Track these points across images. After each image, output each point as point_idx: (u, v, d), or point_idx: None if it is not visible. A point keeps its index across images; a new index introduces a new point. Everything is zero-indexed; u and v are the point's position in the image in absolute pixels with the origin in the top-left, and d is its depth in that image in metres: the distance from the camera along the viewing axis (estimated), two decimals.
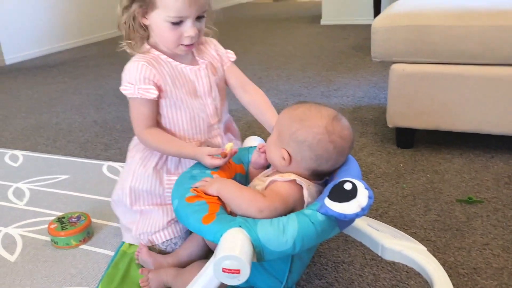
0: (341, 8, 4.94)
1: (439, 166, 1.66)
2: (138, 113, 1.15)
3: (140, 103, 1.14)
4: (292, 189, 0.96)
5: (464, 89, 1.62)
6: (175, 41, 1.11)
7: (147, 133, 1.15)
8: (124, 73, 1.15)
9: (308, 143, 0.96)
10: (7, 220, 1.46)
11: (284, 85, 2.79)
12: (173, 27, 1.08)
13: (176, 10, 1.05)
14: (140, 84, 1.12)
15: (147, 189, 1.19)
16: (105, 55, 4.09)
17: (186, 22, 1.08)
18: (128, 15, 1.11)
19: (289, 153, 0.98)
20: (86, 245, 1.30)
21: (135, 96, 1.13)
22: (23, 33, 4.08)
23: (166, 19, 1.07)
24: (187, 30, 1.09)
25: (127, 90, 1.14)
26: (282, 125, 1.01)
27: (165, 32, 1.10)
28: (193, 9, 1.06)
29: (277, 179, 0.97)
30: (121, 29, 1.15)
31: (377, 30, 1.68)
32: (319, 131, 0.96)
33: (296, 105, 1.02)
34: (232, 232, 0.83)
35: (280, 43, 4.16)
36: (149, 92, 1.12)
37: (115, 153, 1.94)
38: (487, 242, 1.23)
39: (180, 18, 1.07)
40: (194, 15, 1.08)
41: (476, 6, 1.63)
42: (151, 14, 1.09)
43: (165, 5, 1.05)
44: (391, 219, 1.35)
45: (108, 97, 2.77)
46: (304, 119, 0.97)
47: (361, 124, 2.09)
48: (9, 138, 2.19)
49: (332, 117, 0.97)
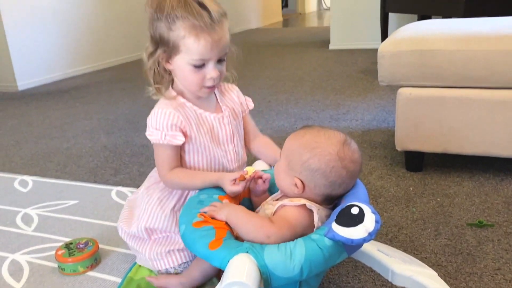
0: (349, 33, 4.98)
1: (449, 190, 1.64)
2: (163, 158, 1.17)
3: (166, 148, 1.16)
4: (301, 214, 0.95)
5: (471, 112, 1.61)
6: (198, 84, 1.13)
7: (171, 174, 1.17)
8: (150, 118, 1.17)
9: (322, 171, 0.96)
10: (15, 246, 1.46)
11: (293, 109, 2.80)
12: (195, 69, 1.11)
13: (199, 53, 1.08)
14: (168, 130, 1.14)
15: (163, 229, 1.20)
16: (117, 80, 4.14)
17: (208, 64, 1.11)
18: (153, 60, 1.15)
19: (302, 181, 0.98)
20: (93, 272, 1.29)
21: (162, 142, 1.14)
22: (36, 59, 4.15)
23: (189, 62, 1.10)
24: (209, 72, 1.12)
25: (153, 136, 1.16)
26: (291, 154, 1.00)
27: (188, 75, 1.13)
28: (214, 52, 1.09)
29: (287, 203, 0.97)
30: (148, 75, 1.18)
31: (383, 55, 1.69)
32: (332, 158, 0.96)
33: (303, 131, 1.03)
34: (239, 258, 0.83)
35: (289, 67, 4.19)
36: (176, 138, 1.14)
37: (124, 178, 1.94)
38: (499, 267, 1.21)
39: (203, 60, 1.10)
40: (216, 57, 1.11)
41: (480, 31, 1.64)
42: (175, 59, 1.12)
43: (188, 48, 1.08)
44: (401, 244, 1.34)
45: (119, 122, 2.79)
46: (315, 146, 0.97)
47: (370, 148, 2.08)
48: (20, 164, 2.21)
49: (342, 142, 0.98)
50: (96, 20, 4.78)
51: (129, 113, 2.97)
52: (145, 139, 2.40)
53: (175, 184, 1.19)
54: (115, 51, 5.03)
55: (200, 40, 1.07)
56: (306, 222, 0.95)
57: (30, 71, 4.10)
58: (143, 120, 2.77)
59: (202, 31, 1.06)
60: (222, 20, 1.10)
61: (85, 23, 4.65)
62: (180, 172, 1.17)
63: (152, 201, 1.22)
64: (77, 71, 4.58)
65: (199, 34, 1.07)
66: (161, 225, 1.19)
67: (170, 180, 1.18)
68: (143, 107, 3.08)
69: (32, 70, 4.12)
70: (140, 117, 2.85)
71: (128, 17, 5.13)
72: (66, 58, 4.47)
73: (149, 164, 2.06)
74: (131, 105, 3.19)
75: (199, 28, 1.06)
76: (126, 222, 1.27)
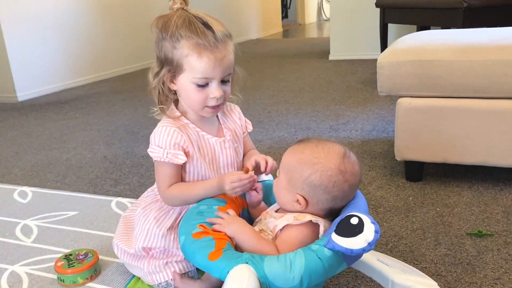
0: (349, 44, 5.00)
1: (448, 199, 1.64)
2: (164, 175, 1.17)
3: (167, 166, 1.16)
4: (307, 233, 0.95)
5: (470, 122, 1.62)
6: (201, 103, 1.13)
7: (170, 189, 1.17)
8: (153, 135, 1.17)
9: (324, 186, 0.96)
10: (14, 258, 1.46)
11: (293, 119, 2.80)
12: (199, 89, 1.11)
13: (201, 72, 1.09)
14: (170, 149, 1.14)
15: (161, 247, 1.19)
16: (117, 91, 4.15)
17: (211, 84, 1.12)
18: (158, 80, 1.16)
19: (304, 198, 0.98)
20: (93, 283, 1.29)
21: (163, 159, 1.15)
22: (35, 70, 4.16)
23: (192, 81, 1.11)
24: (212, 91, 1.12)
25: (155, 153, 1.15)
26: (291, 170, 1.00)
27: (191, 94, 1.13)
28: (217, 71, 1.10)
29: (292, 223, 0.96)
30: (152, 94, 1.19)
31: (382, 65, 1.69)
32: (333, 173, 0.96)
33: (301, 146, 1.02)
34: (239, 269, 0.83)
35: (289, 78, 4.20)
36: (178, 157, 1.14)
37: (124, 188, 1.94)
38: (498, 276, 1.21)
39: (206, 79, 1.10)
40: (219, 76, 1.11)
41: (479, 41, 1.65)
42: (179, 78, 1.13)
43: (191, 67, 1.09)
44: (401, 254, 1.34)
45: (119, 133, 2.79)
46: (316, 162, 0.97)
47: (370, 158, 2.09)
48: (19, 175, 2.21)
49: (342, 156, 0.98)
50: (96, 31, 4.80)
51: (129, 124, 2.98)
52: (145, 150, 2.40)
53: (175, 198, 1.17)
54: (115, 62, 5.05)
55: (202, 58, 1.08)
56: (311, 239, 0.95)
57: (30, 82, 4.11)
58: (143, 131, 2.78)
59: (205, 49, 1.07)
60: (226, 40, 1.11)
61: (85, 34, 4.67)
62: (179, 185, 1.17)
63: (148, 220, 1.21)
64: (77, 82, 4.59)
65: (202, 52, 1.07)
66: (158, 244, 1.18)
67: (170, 194, 1.17)
68: (143, 118, 3.09)
69: (32, 81, 4.13)
70: (140, 128, 2.85)
71: (128, 29, 5.16)
72: (66, 69, 4.49)
73: (149, 175, 2.06)
74: (131, 116, 3.20)
75: (202, 46, 1.07)
76: (124, 241, 1.26)
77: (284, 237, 0.96)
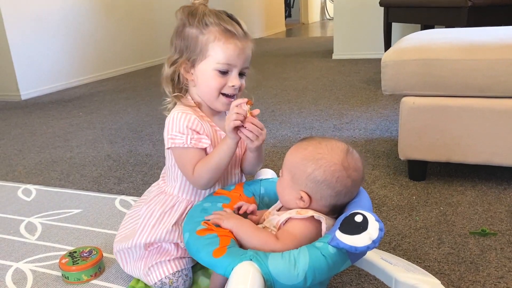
0: (353, 43, 5.00)
1: (452, 199, 1.64)
2: (187, 160, 1.15)
3: (191, 151, 1.14)
4: (309, 227, 0.95)
5: (474, 121, 1.61)
6: (218, 89, 1.14)
7: (196, 170, 1.14)
8: (171, 122, 1.16)
9: (328, 182, 0.96)
10: (18, 255, 1.46)
11: (296, 118, 2.80)
12: (219, 75, 1.13)
13: (226, 57, 1.11)
14: (192, 134, 1.14)
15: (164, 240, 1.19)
16: (120, 90, 4.16)
17: (232, 72, 1.13)
18: (174, 68, 1.17)
19: (308, 194, 0.98)
20: (97, 280, 1.30)
21: (187, 145, 1.13)
22: (39, 68, 4.17)
23: (214, 67, 1.12)
24: (231, 79, 1.13)
25: (177, 139, 1.13)
26: (295, 167, 1.00)
27: (211, 80, 1.13)
28: (240, 60, 1.12)
29: (294, 216, 0.97)
30: (166, 83, 1.20)
31: (386, 64, 1.69)
32: (337, 168, 0.96)
33: (304, 143, 1.02)
34: (243, 266, 0.83)
35: (292, 77, 4.20)
36: (202, 141, 1.14)
37: (128, 187, 1.95)
38: (502, 275, 1.21)
39: (229, 66, 1.12)
40: (240, 66, 1.13)
41: (483, 40, 1.65)
42: (199, 65, 1.14)
43: (216, 52, 1.11)
44: (404, 252, 1.34)
45: (122, 131, 2.80)
46: (319, 158, 0.97)
47: (373, 157, 2.09)
48: (23, 173, 2.21)
49: (345, 152, 0.98)
50: (99, 30, 4.81)
51: (133, 123, 2.98)
52: (149, 148, 2.41)
53: (203, 175, 1.13)
54: (119, 61, 5.05)
55: (230, 44, 1.11)
56: (313, 234, 0.95)
57: (33, 81, 4.12)
58: (146, 129, 2.78)
59: (233, 37, 1.11)
60: (249, 36, 1.15)
61: (89, 33, 4.68)
62: (200, 164, 1.13)
63: (154, 216, 1.20)
64: (80, 81, 4.60)
65: (229, 39, 1.11)
66: (162, 238, 1.18)
67: (197, 175, 1.13)
68: (146, 116, 3.10)
69: (35, 79, 4.14)
70: (144, 127, 2.86)
71: (131, 28, 5.16)
72: (69, 68, 4.50)
73: (152, 174, 2.07)
74: (135, 114, 3.20)
75: (229, 33, 1.11)
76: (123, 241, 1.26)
77: (285, 228, 0.96)
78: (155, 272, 1.19)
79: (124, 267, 1.27)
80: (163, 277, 1.18)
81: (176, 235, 1.19)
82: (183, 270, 1.19)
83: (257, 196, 1.20)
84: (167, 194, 1.24)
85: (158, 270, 1.19)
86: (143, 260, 1.21)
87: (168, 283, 1.18)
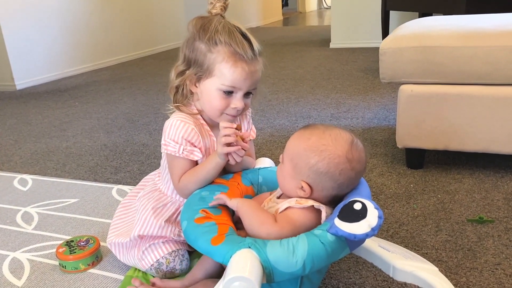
0: (350, 32, 4.98)
1: (449, 186, 1.64)
2: (177, 169, 1.17)
3: (182, 161, 1.16)
4: (308, 216, 0.95)
5: (472, 109, 1.61)
6: (220, 110, 1.13)
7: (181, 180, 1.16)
8: (169, 128, 1.16)
9: (331, 174, 0.95)
10: (15, 245, 1.46)
11: (293, 108, 2.79)
12: (223, 96, 1.11)
13: (232, 80, 1.09)
14: (186, 145, 1.14)
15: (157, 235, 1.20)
16: (116, 79, 4.13)
17: (236, 94, 1.11)
18: (181, 79, 1.15)
19: (309, 185, 0.97)
20: (94, 269, 1.29)
21: (178, 155, 1.14)
22: (34, 58, 4.14)
23: (219, 87, 1.10)
24: (235, 102, 1.12)
25: (170, 147, 1.15)
26: (297, 157, 0.98)
27: (214, 100, 1.12)
28: (246, 83, 1.10)
29: (294, 206, 0.96)
30: (171, 92, 1.19)
31: (385, 52, 1.68)
32: (341, 161, 0.95)
33: (307, 132, 1.00)
34: (241, 253, 0.83)
35: (289, 66, 4.19)
36: (194, 154, 1.15)
37: (125, 176, 1.94)
38: (499, 262, 1.21)
39: (233, 88, 1.10)
40: (246, 89, 1.11)
41: (482, 27, 1.63)
42: (204, 82, 1.12)
43: (222, 73, 1.09)
44: (402, 240, 1.34)
45: (119, 121, 2.79)
46: (323, 149, 0.95)
47: (371, 146, 2.08)
48: (19, 163, 2.20)
49: (349, 143, 0.97)
50: (95, 19, 4.78)
51: (129, 112, 2.97)
52: (145, 138, 2.40)
53: (188, 187, 1.15)
54: (114, 50, 5.03)
55: (237, 68, 1.08)
56: (312, 223, 0.94)
57: (28, 70, 4.09)
58: (142, 119, 2.77)
59: (241, 60, 1.08)
60: (260, 56, 1.12)
61: (84, 22, 4.65)
62: (187, 175, 1.15)
63: (146, 210, 1.21)
64: (76, 70, 4.58)
65: (237, 62, 1.08)
66: (155, 232, 1.18)
67: (182, 184, 1.16)
68: (142, 106, 3.08)
69: (30, 69, 4.11)
70: (140, 116, 2.84)
71: (127, 16, 5.13)
72: (64, 57, 4.47)
73: (149, 163, 2.06)
74: (131, 104, 3.19)
75: (238, 56, 1.08)
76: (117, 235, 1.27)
77: (285, 213, 0.96)
78: (150, 254, 1.19)
79: (119, 256, 1.27)
80: (160, 257, 1.18)
81: (169, 231, 1.19)
82: (179, 250, 1.19)
83: (255, 185, 1.19)
84: (161, 193, 1.25)
85: (153, 252, 1.19)
86: (136, 247, 1.22)
87: (165, 263, 1.18)
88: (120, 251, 1.26)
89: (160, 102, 3.10)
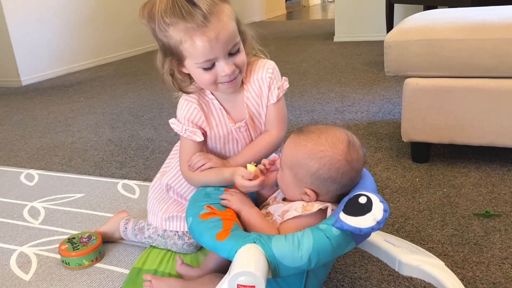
0: (354, 25, 4.96)
1: (455, 180, 1.64)
2: (185, 149, 1.18)
3: (187, 141, 1.17)
4: (315, 220, 0.94)
5: (478, 102, 1.60)
6: (212, 83, 1.08)
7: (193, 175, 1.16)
8: (178, 108, 1.18)
9: (333, 178, 0.95)
10: (22, 239, 1.46)
11: (298, 101, 2.79)
12: (206, 71, 1.06)
13: (201, 56, 1.02)
14: (188, 125, 1.15)
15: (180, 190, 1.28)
16: (121, 74, 4.14)
17: (218, 63, 1.05)
18: (166, 68, 1.12)
19: (313, 191, 0.97)
20: (100, 264, 1.30)
21: (182, 134, 1.16)
22: (39, 54, 4.15)
23: (197, 66, 1.05)
24: (221, 70, 1.05)
25: (175, 126, 1.17)
26: (296, 166, 0.97)
27: (201, 76, 1.08)
28: (218, 49, 1.01)
29: (302, 214, 0.96)
30: (166, 81, 1.15)
31: (390, 45, 1.67)
32: (341, 164, 0.94)
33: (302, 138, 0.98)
34: (246, 248, 0.83)
35: (293, 60, 4.18)
36: (196, 134, 1.15)
37: (130, 171, 1.94)
38: (506, 256, 1.21)
39: (209, 61, 1.04)
40: (223, 54, 1.03)
41: (488, 19, 1.62)
42: (185, 63, 1.08)
43: (190, 53, 1.03)
44: (407, 234, 1.33)
45: (124, 116, 2.79)
46: (322, 156, 0.94)
47: (376, 139, 2.08)
48: (25, 158, 2.21)
49: (346, 144, 0.95)
50: (99, 14, 4.78)
51: (134, 107, 2.97)
52: (150, 132, 2.41)
53: (193, 181, 1.17)
54: (119, 46, 5.03)
55: (196, 42, 0.99)
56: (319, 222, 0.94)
57: (34, 66, 4.10)
58: (147, 114, 2.77)
59: (196, 32, 0.99)
60: (217, 10, 1.00)
61: (88, 17, 4.65)
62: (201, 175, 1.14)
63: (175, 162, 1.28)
64: (80, 66, 4.58)
65: (193, 37, 0.99)
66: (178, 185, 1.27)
67: (188, 177, 1.18)
68: (147, 101, 3.08)
69: (36, 65, 4.12)
70: (145, 111, 2.84)
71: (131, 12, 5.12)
72: (69, 53, 4.47)
73: (154, 158, 2.06)
74: (136, 99, 3.19)
75: (191, 30, 0.99)
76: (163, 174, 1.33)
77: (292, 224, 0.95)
78: (172, 222, 1.27)
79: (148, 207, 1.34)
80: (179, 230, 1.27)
81: None
82: None
83: None
84: None
85: (175, 222, 1.27)
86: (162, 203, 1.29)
87: (188, 237, 1.26)
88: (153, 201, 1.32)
89: (164, 97, 3.09)
